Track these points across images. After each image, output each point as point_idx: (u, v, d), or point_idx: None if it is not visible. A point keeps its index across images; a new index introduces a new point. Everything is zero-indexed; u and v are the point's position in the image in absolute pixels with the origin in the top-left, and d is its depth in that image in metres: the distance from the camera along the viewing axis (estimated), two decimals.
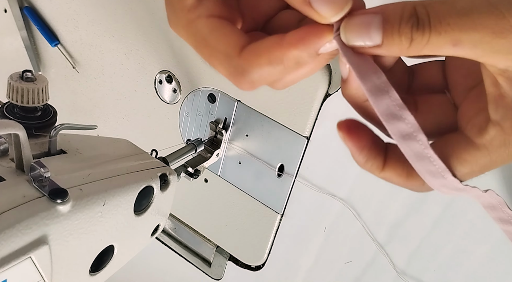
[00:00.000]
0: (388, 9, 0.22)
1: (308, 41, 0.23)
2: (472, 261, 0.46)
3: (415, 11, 0.22)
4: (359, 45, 0.23)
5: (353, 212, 0.51)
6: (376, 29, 0.22)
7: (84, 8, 0.62)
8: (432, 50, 0.22)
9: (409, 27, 0.21)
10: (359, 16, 0.23)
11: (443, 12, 0.21)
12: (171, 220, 0.67)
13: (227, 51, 0.25)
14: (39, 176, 0.29)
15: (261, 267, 0.61)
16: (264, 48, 0.24)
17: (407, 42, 0.21)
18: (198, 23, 0.26)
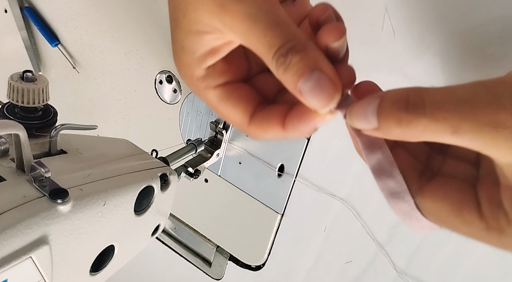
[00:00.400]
0: (387, 93, 0.23)
1: (305, 126, 0.25)
2: (472, 261, 0.46)
3: (407, 95, 0.22)
4: (360, 127, 0.24)
5: (353, 212, 0.51)
6: (371, 113, 0.23)
7: (84, 8, 0.62)
8: (432, 136, 0.21)
9: (396, 110, 0.22)
10: (362, 101, 0.24)
11: (442, 99, 0.21)
12: (171, 220, 0.67)
13: (237, 120, 0.28)
14: (39, 176, 0.29)
15: (261, 267, 0.61)
16: (268, 127, 0.27)
17: (399, 126, 0.22)
18: (208, 93, 0.28)
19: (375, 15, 0.42)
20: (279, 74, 0.24)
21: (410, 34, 0.42)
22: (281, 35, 0.23)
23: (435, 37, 0.41)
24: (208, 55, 0.27)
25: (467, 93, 0.21)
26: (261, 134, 0.27)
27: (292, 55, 0.23)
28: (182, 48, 0.27)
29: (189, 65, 0.27)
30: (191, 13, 0.25)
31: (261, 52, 0.24)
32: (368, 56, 0.44)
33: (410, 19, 0.41)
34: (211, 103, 0.28)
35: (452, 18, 0.39)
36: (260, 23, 0.23)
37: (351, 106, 0.24)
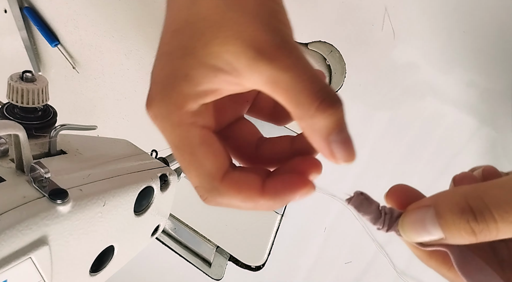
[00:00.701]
0: (439, 199, 0.22)
1: (285, 195, 0.25)
2: None
3: (468, 204, 0.21)
4: (424, 241, 0.23)
5: (353, 212, 0.51)
6: (431, 224, 0.22)
7: (84, 8, 0.62)
8: (507, 235, 0.21)
9: (465, 222, 0.21)
10: (411, 213, 0.23)
11: (505, 199, 0.21)
12: (171, 220, 0.67)
13: (211, 170, 0.25)
14: (39, 176, 0.29)
15: (261, 267, 0.61)
16: (246, 188, 0.25)
17: (471, 235, 0.21)
18: (191, 130, 0.25)
19: (375, 15, 0.42)
20: (318, 118, 0.23)
21: (410, 34, 0.42)
22: (321, 77, 0.23)
23: (435, 37, 0.41)
24: (210, 93, 0.25)
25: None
26: (231, 193, 0.25)
27: (338, 101, 0.23)
28: (186, 76, 0.24)
29: (185, 95, 0.25)
30: (215, 46, 0.24)
31: (299, 89, 0.23)
32: (367, 56, 0.44)
33: (410, 19, 0.41)
34: (189, 143, 0.25)
35: (452, 18, 0.39)
36: (303, 62, 0.23)
37: (402, 219, 0.23)
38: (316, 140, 0.24)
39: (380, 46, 0.43)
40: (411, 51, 0.42)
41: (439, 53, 0.41)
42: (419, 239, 0.23)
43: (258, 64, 0.23)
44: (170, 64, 0.25)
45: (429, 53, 0.41)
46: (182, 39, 0.25)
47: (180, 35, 0.26)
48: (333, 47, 0.46)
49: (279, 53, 0.23)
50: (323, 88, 0.23)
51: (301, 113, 0.23)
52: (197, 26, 0.25)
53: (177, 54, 0.25)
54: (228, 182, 0.25)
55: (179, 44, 0.25)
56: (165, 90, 0.25)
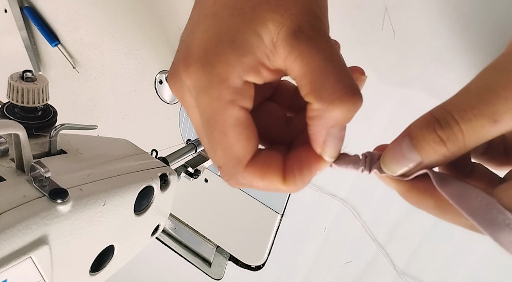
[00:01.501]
0: (411, 126, 0.23)
1: (306, 180, 0.25)
2: (472, 261, 0.46)
3: (432, 115, 0.22)
4: (405, 171, 0.23)
5: (353, 212, 0.51)
6: (408, 149, 0.22)
7: (84, 8, 0.62)
8: (476, 140, 0.21)
9: (432, 131, 0.21)
10: (390, 147, 0.23)
11: (462, 101, 0.21)
12: (171, 220, 0.67)
13: (239, 154, 0.24)
14: (39, 176, 0.29)
15: (261, 267, 0.61)
16: (267, 174, 0.24)
17: (442, 146, 0.21)
18: (230, 109, 0.23)
19: (375, 15, 0.42)
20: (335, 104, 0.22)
21: (410, 34, 0.42)
22: (352, 76, 0.23)
23: (435, 37, 0.41)
24: (253, 71, 0.23)
25: (480, 82, 0.21)
26: (255, 179, 0.24)
27: (359, 101, 0.23)
28: (233, 42, 0.22)
29: (230, 66, 0.22)
30: (263, 11, 0.22)
31: (327, 71, 0.22)
32: (367, 56, 0.44)
33: (409, 18, 0.41)
34: (223, 121, 0.23)
35: (452, 18, 0.39)
36: (340, 61, 0.23)
37: (382, 155, 0.24)
38: (318, 126, 0.23)
39: (380, 46, 0.43)
40: (411, 51, 0.42)
41: (439, 53, 0.41)
42: (400, 169, 0.23)
43: (297, 41, 0.22)
44: (216, 25, 0.23)
45: (429, 53, 0.41)
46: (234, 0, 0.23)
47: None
48: None
49: (318, 37, 0.23)
50: (350, 80, 0.23)
51: (321, 96, 0.22)
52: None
53: (223, 14, 0.23)
54: (252, 168, 0.24)
55: (227, 4, 0.23)
56: (208, 57, 0.23)
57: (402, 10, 0.41)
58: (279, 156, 0.25)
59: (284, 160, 0.25)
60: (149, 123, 0.63)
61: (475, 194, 0.22)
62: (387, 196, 0.49)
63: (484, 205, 0.21)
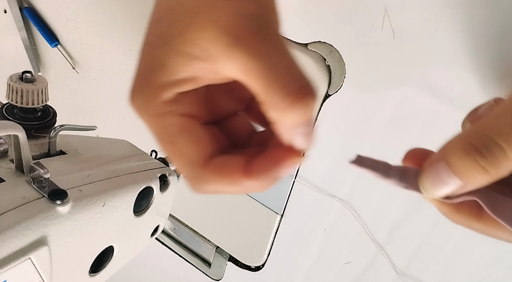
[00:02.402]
0: (445, 150, 0.22)
1: (272, 173, 0.24)
2: (472, 261, 0.46)
3: (468, 142, 0.21)
4: (446, 194, 0.23)
5: (353, 212, 0.51)
6: (447, 175, 0.22)
7: (84, 9, 0.62)
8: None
9: (474, 161, 0.21)
10: (426, 171, 0.23)
11: (502, 123, 0.21)
12: (171, 220, 0.67)
13: (192, 158, 0.25)
14: (38, 177, 0.29)
15: (261, 267, 0.61)
16: (229, 171, 0.25)
17: (485, 175, 0.21)
18: (169, 119, 0.25)
19: (375, 16, 0.42)
20: (289, 111, 0.22)
21: (409, 34, 0.42)
22: (299, 69, 0.23)
23: (435, 37, 0.41)
24: (187, 82, 0.24)
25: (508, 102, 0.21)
26: (215, 179, 0.25)
27: (310, 99, 0.23)
28: (163, 66, 0.24)
29: (160, 85, 0.24)
30: (191, 32, 0.23)
31: (273, 79, 0.22)
32: (367, 56, 0.44)
33: (409, 19, 0.41)
34: (167, 132, 0.25)
35: (452, 18, 0.39)
36: (280, 51, 0.23)
37: (420, 179, 0.24)
38: (281, 131, 0.24)
39: (380, 46, 0.43)
40: (411, 51, 0.42)
41: (439, 53, 0.41)
42: (440, 193, 0.23)
43: (233, 51, 0.23)
44: (150, 55, 0.25)
45: (429, 53, 0.41)
46: (161, 28, 0.25)
47: (160, 24, 0.25)
48: (333, 47, 0.46)
49: (255, 40, 0.22)
50: (298, 81, 0.22)
51: (272, 105, 0.23)
52: (176, 13, 0.24)
53: (156, 44, 0.25)
54: (210, 168, 0.25)
55: (159, 33, 0.25)
56: (142, 82, 0.25)
57: (402, 10, 0.41)
58: (241, 156, 0.25)
59: (250, 159, 0.25)
60: None
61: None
62: (387, 196, 0.49)
63: None
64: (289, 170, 0.25)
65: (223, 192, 0.25)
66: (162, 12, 0.25)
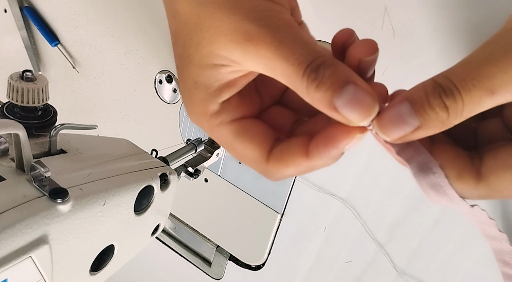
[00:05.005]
0: (410, 92, 0.23)
1: (332, 150, 0.24)
2: (473, 260, 0.46)
3: (435, 82, 0.22)
4: (400, 135, 0.23)
5: (353, 212, 0.51)
6: (408, 114, 0.22)
7: (84, 8, 0.62)
8: (473, 109, 0.22)
9: (438, 97, 0.22)
10: (387, 112, 0.23)
11: (462, 71, 0.22)
12: (171, 219, 0.67)
13: (255, 157, 0.26)
14: (39, 175, 0.29)
15: (261, 266, 0.61)
16: (290, 159, 0.25)
17: (444, 112, 0.22)
18: (222, 130, 0.27)
19: (375, 15, 0.42)
20: (311, 93, 0.23)
21: (410, 34, 0.42)
22: (310, 52, 0.23)
23: (435, 36, 0.41)
24: (224, 89, 0.26)
25: (481, 55, 0.22)
26: (281, 169, 0.26)
27: (324, 69, 0.23)
28: (196, 83, 0.26)
29: (202, 101, 0.26)
30: (205, 47, 0.24)
31: (289, 73, 0.23)
32: None
33: (409, 19, 0.41)
34: (225, 140, 0.27)
35: (452, 17, 0.39)
36: (287, 44, 0.23)
37: (378, 117, 0.23)
38: (326, 112, 0.23)
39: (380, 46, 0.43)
40: (411, 51, 0.42)
41: (439, 52, 0.41)
42: (396, 133, 0.23)
43: (249, 56, 0.24)
44: (181, 77, 0.27)
45: (429, 52, 0.41)
46: (179, 50, 0.26)
47: (177, 47, 0.27)
48: None
49: (261, 39, 0.23)
50: (309, 64, 0.23)
51: (301, 94, 0.23)
52: (184, 33, 0.26)
53: (181, 67, 0.27)
54: (274, 160, 0.26)
55: (179, 55, 0.27)
56: (187, 103, 0.27)
57: (402, 10, 0.41)
58: (299, 139, 0.26)
59: (308, 141, 0.25)
60: (149, 123, 0.63)
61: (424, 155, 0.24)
62: (387, 196, 0.49)
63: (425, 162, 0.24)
64: (351, 143, 0.24)
65: (293, 175, 0.26)
66: (174, 36, 0.27)
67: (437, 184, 0.24)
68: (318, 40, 0.46)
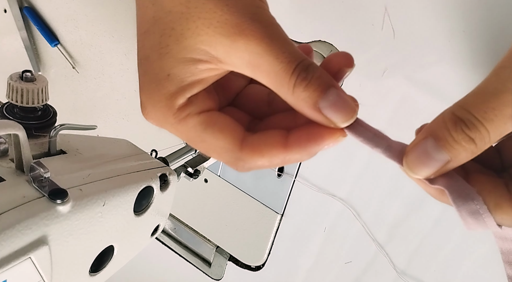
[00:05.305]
0: (432, 128, 0.23)
1: (310, 147, 0.24)
2: (472, 260, 0.46)
3: (455, 115, 0.22)
4: (431, 172, 0.23)
5: (353, 212, 0.51)
6: (435, 150, 0.22)
7: (84, 8, 0.62)
8: (500, 134, 0.22)
9: (461, 132, 0.22)
10: (412, 152, 0.23)
11: (481, 102, 0.22)
12: (171, 220, 0.67)
13: (227, 146, 0.26)
14: (39, 176, 0.29)
15: (261, 267, 0.61)
16: (267, 148, 0.25)
17: (471, 144, 0.22)
18: (190, 122, 0.26)
19: (375, 15, 0.42)
20: (297, 92, 0.23)
21: (410, 33, 0.42)
22: (298, 53, 0.23)
23: (435, 36, 0.41)
24: (196, 85, 0.25)
25: (496, 83, 0.22)
26: (255, 158, 0.25)
27: (313, 70, 0.23)
28: (169, 76, 0.25)
29: (171, 94, 0.25)
30: (187, 38, 0.24)
31: (276, 71, 0.23)
32: (368, 55, 0.44)
33: (409, 18, 0.41)
34: (194, 133, 0.26)
35: (452, 17, 0.39)
36: (278, 41, 0.23)
37: (405, 157, 0.24)
38: (308, 112, 0.24)
39: (380, 45, 0.43)
40: (411, 50, 0.42)
41: (439, 53, 0.41)
42: (428, 171, 0.23)
43: (234, 51, 0.23)
44: (150, 68, 0.26)
45: (429, 52, 0.41)
46: (154, 39, 0.25)
47: (151, 36, 0.26)
48: (333, 46, 0.46)
49: (253, 34, 0.23)
50: (299, 64, 0.23)
51: (285, 92, 0.23)
52: (165, 22, 0.25)
53: (154, 57, 0.25)
54: (248, 148, 0.25)
55: (153, 45, 0.25)
56: (152, 96, 0.26)
57: (402, 10, 0.41)
58: (276, 131, 0.26)
59: (286, 133, 0.25)
60: (149, 123, 0.63)
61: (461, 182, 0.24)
62: (387, 196, 0.49)
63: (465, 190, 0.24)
64: (331, 144, 0.24)
65: (265, 167, 0.26)
66: (149, 24, 0.26)
67: (476, 212, 0.24)
68: (318, 40, 0.46)
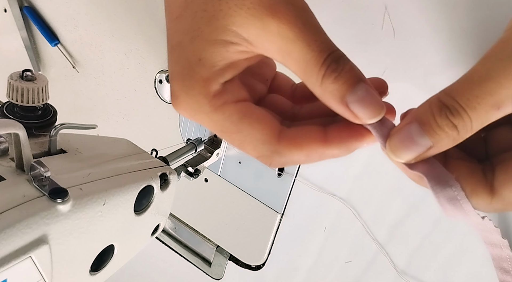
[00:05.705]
0: (417, 112, 0.23)
1: (350, 143, 0.24)
2: (473, 260, 0.46)
3: (440, 101, 0.22)
4: (413, 156, 0.23)
5: (353, 211, 0.51)
6: (419, 135, 0.23)
7: (84, 8, 0.62)
8: (482, 123, 0.22)
9: (445, 117, 0.22)
10: (396, 135, 0.23)
11: (466, 89, 0.22)
12: (171, 219, 0.67)
13: (264, 137, 0.25)
14: (39, 175, 0.29)
15: (261, 266, 0.61)
16: (306, 141, 0.24)
17: (454, 130, 0.22)
18: (227, 110, 0.25)
19: (375, 14, 0.42)
20: (326, 83, 0.22)
21: (410, 33, 0.42)
22: (330, 42, 0.23)
23: (435, 36, 0.41)
24: (228, 69, 0.24)
25: (481, 71, 0.22)
26: (294, 151, 0.24)
27: (344, 62, 0.23)
28: (200, 60, 0.24)
29: (205, 80, 0.24)
30: (219, 19, 0.23)
31: (307, 60, 0.22)
32: (367, 55, 0.44)
33: (410, 18, 0.41)
34: (230, 122, 0.25)
35: (452, 17, 0.39)
36: (310, 28, 0.23)
37: (389, 140, 0.24)
38: (334, 106, 0.23)
39: (380, 45, 0.43)
40: (411, 50, 0.42)
41: (439, 52, 0.41)
42: (409, 155, 0.23)
43: (266, 34, 0.22)
44: (183, 54, 0.25)
45: (429, 52, 0.41)
46: (185, 23, 0.24)
47: (183, 20, 0.25)
48: None
49: (286, 17, 0.22)
50: (330, 54, 0.23)
51: (312, 83, 0.23)
52: (197, 3, 0.24)
53: (186, 42, 0.24)
54: (286, 141, 0.25)
55: (185, 29, 0.24)
56: (185, 83, 0.25)
57: (402, 9, 0.41)
58: (315, 125, 0.25)
59: (323, 129, 0.25)
60: (149, 123, 0.63)
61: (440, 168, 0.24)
62: (387, 196, 0.49)
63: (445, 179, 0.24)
64: (371, 142, 0.24)
65: (301, 162, 0.25)
66: (181, 9, 0.25)
67: (454, 198, 0.24)
68: None
